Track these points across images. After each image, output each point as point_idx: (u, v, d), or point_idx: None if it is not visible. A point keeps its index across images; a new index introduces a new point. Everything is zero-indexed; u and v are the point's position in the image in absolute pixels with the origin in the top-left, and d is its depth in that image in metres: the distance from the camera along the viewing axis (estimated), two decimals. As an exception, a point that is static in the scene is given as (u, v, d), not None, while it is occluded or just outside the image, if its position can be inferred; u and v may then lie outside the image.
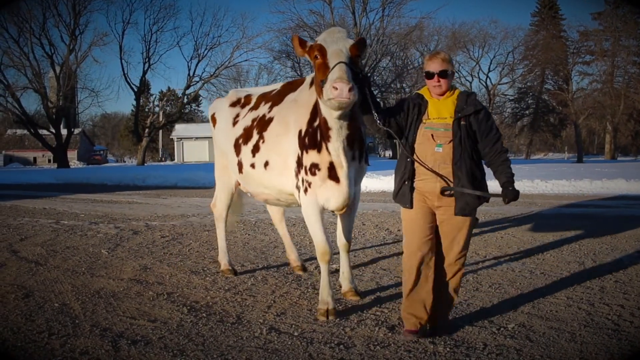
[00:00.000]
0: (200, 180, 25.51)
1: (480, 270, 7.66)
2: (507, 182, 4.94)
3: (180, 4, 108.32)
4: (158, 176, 27.35)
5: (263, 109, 6.80)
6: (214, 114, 7.75)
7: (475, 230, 10.73)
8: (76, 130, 71.14)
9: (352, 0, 53.66)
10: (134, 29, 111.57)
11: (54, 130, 53.41)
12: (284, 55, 57.48)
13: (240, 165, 6.87)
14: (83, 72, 64.07)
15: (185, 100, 66.01)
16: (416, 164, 5.02)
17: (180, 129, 79.37)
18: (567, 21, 72.44)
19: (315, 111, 5.64)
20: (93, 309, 6.04)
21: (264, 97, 7.01)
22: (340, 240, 6.32)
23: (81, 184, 26.63)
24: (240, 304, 6.24)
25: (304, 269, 7.63)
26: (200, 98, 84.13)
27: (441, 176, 4.94)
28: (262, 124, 6.60)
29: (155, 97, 78.51)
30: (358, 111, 5.38)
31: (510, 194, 4.88)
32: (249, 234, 10.74)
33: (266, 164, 6.40)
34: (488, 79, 68.22)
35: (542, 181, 20.69)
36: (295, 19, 55.35)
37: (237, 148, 6.91)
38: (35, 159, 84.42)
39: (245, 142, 6.76)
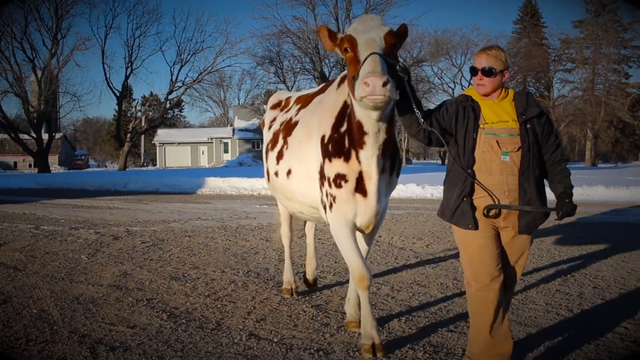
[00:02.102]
0: (182, 185, 25.42)
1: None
2: (565, 193, 4.30)
3: (163, 9, 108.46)
4: (140, 181, 27.23)
5: (292, 111, 6.16)
6: (264, 119, 6.99)
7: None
8: (57, 135, 70.93)
9: (335, 7, 53.86)
10: (116, 34, 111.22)
11: (35, 135, 53.12)
12: (267, 61, 57.45)
13: (267, 173, 6.25)
14: (65, 77, 63.94)
15: (168, 105, 66.05)
16: (477, 176, 4.30)
17: (162, 134, 79.27)
18: (549, 29, 73.11)
19: (342, 114, 4.96)
20: (72, 315, 5.99)
21: (299, 100, 6.35)
22: None
23: (62, 189, 26.51)
24: (220, 310, 6.22)
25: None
26: (183, 103, 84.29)
27: (488, 191, 4.26)
28: (288, 128, 5.93)
29: (137, 102, 78.25)
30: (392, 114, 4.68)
31: (565, 207, 4.24)
32: (230, 240, 10.72)
33: (289, 172, 5.68)
34: (470, 86, 68.58)
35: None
36: (279, 24, 55.42)
37: (266, 154, 6.27)
38: (15, 163, 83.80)
39: (272, 147, 6.09)
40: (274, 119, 6.52)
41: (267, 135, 6.45)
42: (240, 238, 10.96)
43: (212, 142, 77.93)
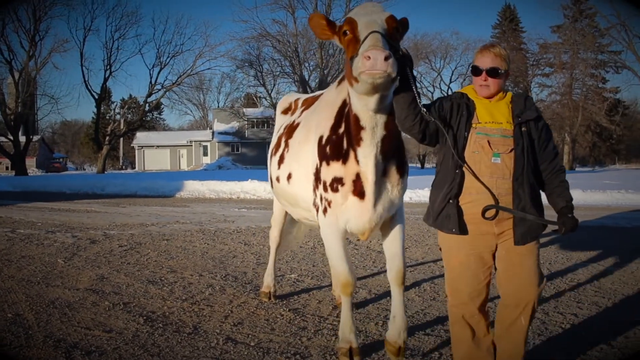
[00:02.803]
0: (160, 188, 25.29)
1: (437, 279, 7.71)
2: (566, 207, 4.07)
3: (142, 11, 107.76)
4: (118, 184, 27.09)
5: (297, 114, 5.95)
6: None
7: (433, 239, 10.84)
8: (35, 138, 70.49)
9: (315, 11, 53.89)
10: (95, 36, 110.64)
11: (12, 137, 52.74)
12: (246, 64, 57.51)
13: (270, 179, 5.97)
14: (43, 79, 63.55)
15: (147, 108, 65.73)
16: (467, 178, 4.05)
17: (141, 137, 78.98)
18: (527, 34, 73.78)
19: (341, 114, 4.70)
20: (47, 320, 5.95)
21: (305, 102, 6.11)
22: (390, 269, 4.98)
23: (39, 192, 26.25)
24: (197, 314, 6.20)
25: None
26: (162, 106, 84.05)
27: (492, 193, 3.96)
28: (291, 130, 5.65)
29: (116, 105, 77.98)
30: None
31: (568, 222, 4.00)
32: (208, 244, 10.69)
33: (289, 176, 5.40)
34: (449, 90, 69.05)
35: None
36: (258, 28, 55.54)
37: (270, 159, 5.98)
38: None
39: (275, 152, 5.79)
40: (282, 124, 6.23)
41: (272, 140, 6.20)
42: (219, 242, 10.94)
43: (192, 145, 77.79)
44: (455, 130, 4.10)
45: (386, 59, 3.69)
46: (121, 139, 74.24)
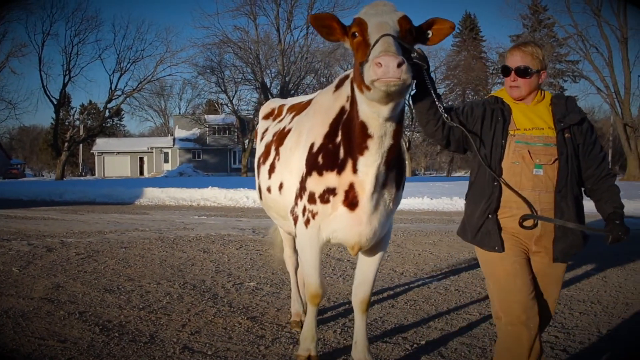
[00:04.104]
0: (119, 195, 25.05)
1: (396, 287, 7.75)
2: (615, 213, 3.73)
3: (103, 16, 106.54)
4: (76, 191, 26.74)
5: (286, 119, 5.48)
6: (256, 129, 6.36)
7: (392, 247, 10.90)
8: (-8, 143, 69.33)
9: (277, 18, 54.22)
10: (54, 40, 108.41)
11: (-32, 143, 51.88)
12: (208, 71, 57.40)
13: (260, 190, 5.59)
14: (0, 84, 62.36)
15: (107, 114, 65.15)
16: (505, 191, 3.75)
17: (101, 143, 78.19)
18: (487, 43, 74.80)
19: (338, 121, 4.35)
20: (0, 330, 5.83)
21: (292, 108, 5.64)
22: (356, 294, 4.84)
23: (-5, 199, 25.83)
24: (154, 322, 6.13)
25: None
26: (123, 112, 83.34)
27: (533, 209, 3.68)
28: (281, 137, 5.24)
29: (75, 111, 77.07)
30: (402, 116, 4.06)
31: (616, 229, 3.64)
32: (166, 251, 10.60)
33: (281, 185, 5.00)
34: (410, 98, 69.59)
35: (461, 199, 21.00)
36: (220, 34, 55.58)
37: (258, 169, 5.59)
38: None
39: (264, 161, 5.39)
40: (266, 130, 5.83)
41: (259, 148, 5.79)
42: (178, 249, 10.85)
43: (152, 152, 77.19)
44: (491, 139, 3.83)
45: (399, 65, 3.35)
46: (80, 145, 73.47)
